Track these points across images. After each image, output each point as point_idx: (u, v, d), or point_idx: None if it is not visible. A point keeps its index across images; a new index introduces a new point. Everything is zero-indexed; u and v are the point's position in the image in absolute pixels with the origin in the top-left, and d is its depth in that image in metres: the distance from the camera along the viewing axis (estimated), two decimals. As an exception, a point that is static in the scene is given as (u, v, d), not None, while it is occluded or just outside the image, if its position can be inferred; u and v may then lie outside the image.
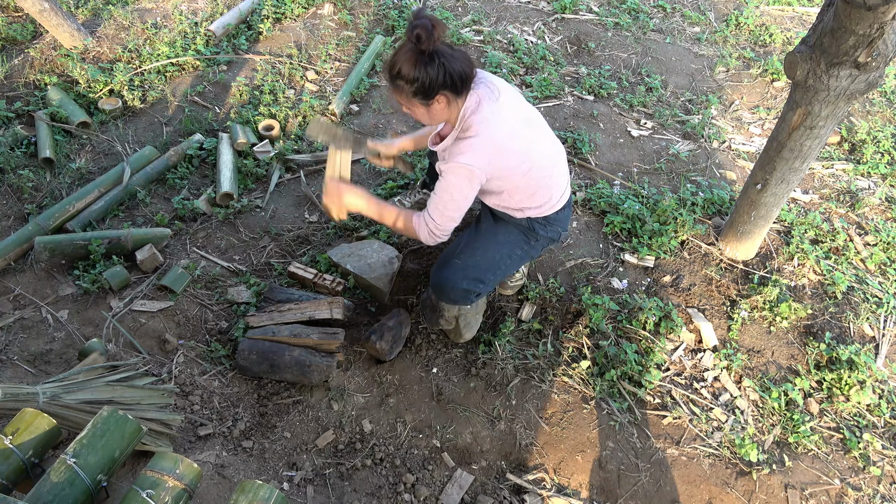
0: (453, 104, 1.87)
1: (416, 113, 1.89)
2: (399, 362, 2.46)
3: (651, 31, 4.54)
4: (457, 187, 1.90)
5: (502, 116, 1.89)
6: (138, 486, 1.27)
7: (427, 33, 1.67)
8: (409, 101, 1.84)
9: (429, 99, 1.81)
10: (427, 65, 1.73)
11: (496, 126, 1.86)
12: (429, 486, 2.14)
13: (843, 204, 3.26)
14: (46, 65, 3.42)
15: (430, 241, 2.04)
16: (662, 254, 2.85)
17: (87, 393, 1.77)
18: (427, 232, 2.01)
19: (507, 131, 1.89)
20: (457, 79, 1.79)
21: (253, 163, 3.06)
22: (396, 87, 1.82)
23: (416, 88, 1.77)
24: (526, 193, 2.06)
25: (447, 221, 1.97)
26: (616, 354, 2.45)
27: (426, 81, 1.75)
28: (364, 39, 4.07)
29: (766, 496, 2.18)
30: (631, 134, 3.60)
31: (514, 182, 1.99)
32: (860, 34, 1.91)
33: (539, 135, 2.04)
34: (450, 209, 1.94)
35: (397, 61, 1.76)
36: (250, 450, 2.12)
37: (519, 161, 1.94)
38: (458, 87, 1.81)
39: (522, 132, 1.95)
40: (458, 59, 1.79)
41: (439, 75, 1.75)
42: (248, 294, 2.54)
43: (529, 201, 2.09)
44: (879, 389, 2.47)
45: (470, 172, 1.86)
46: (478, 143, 1.85)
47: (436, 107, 1.85)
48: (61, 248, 2.46)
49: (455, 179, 1.88)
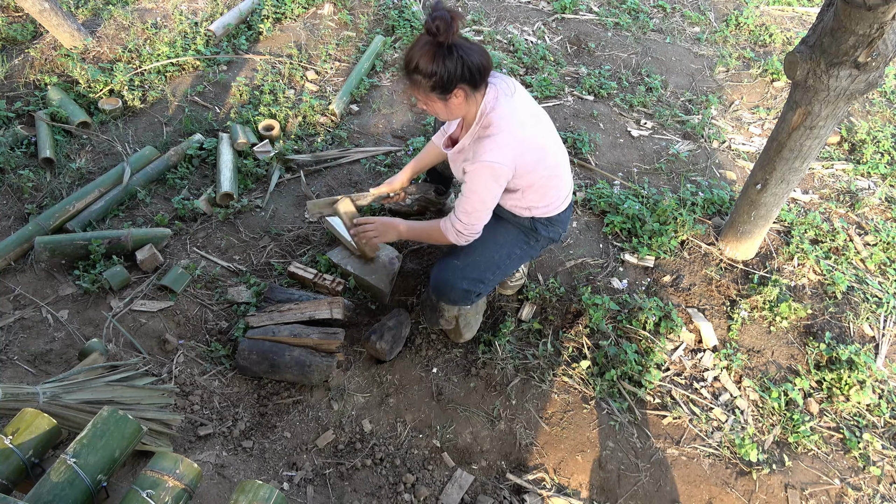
0: (471, 98, 1.84)
1: (433, 108, 1.86)
2: (399, 362, 2.46)
3: (651, 31, 4.54)
4: (485, 186, 1.89)
5: (520, 113, 1.88)
6: (138, 486, 1.27)
7: (446, 25, 1.64)
8: (426, 96, 1.80)
9: (447, 93, 1.78)
10: (445, 58, 1.70)
11: (516, 122, 1.86)
12: (429, 486, 2.14)
13: (843, 204, 3.26)
14: (46, 65, 3.42)
15: (461, 241, 2.06)
16: (662, 254, 2.85)
17: (87, 393, 1.77)
18: (455, 233, 2.03)
19: (525, 127, 1.88)
20: (475, 72, 1.76)
21: (253, 163, 3.06)
22: (413, 82, 1.78)
23: (435, 82, 1.74)
24: (539, 193, 2.06)
25: (476, 221, 1.98)
26: (616, 354, 2.45)
27: (444, 75, 1.72)
28: (364, 39, 4.07)
29: (766, 496, 2.18)
30: (631, 134, 3.60)
31: (532, 179, 2.00)
32: (860, 34, 1.91)
33: (549, 133, 2.05)
34: (478, 209, 1.95)
35: (414, 55, 1.72)
36: (250, 450, 2.12)
37: (538, 157, 1.95)
38: (476, 80, 1.79)
39: (537, 129, 1.95)
40: (476, 51, 1.76)
41: (458, 68, 1.72)
42: (248, 294, 2.54)
43: (540, 200, 2.09)
44: (879, 389, 2.47)
45: (497, 170, 1.85)
46: (501, 140, 1.83)
47: (454, 101, 1.81)
48: (61, 248, 2.46)
49: (483, 179, 1.88)
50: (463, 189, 1.95)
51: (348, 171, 3.16)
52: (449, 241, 2.07)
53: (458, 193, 2.03)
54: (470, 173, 1.89)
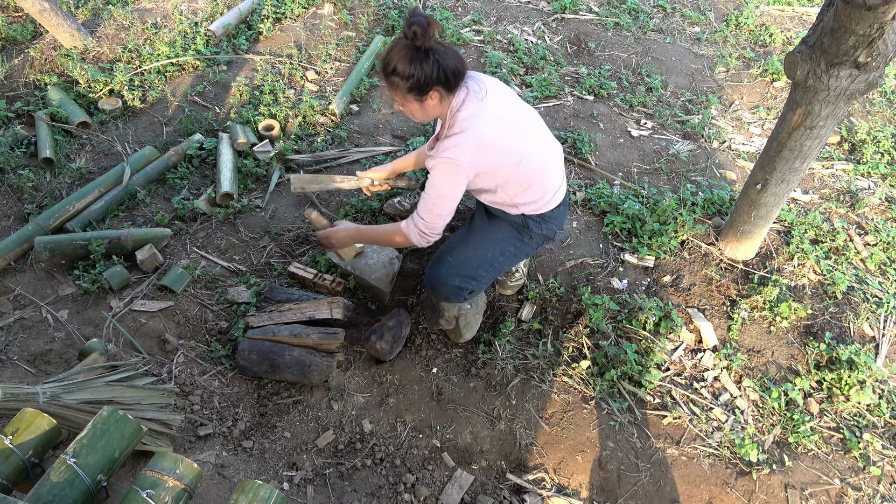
0: (445, 100, 1.92)
1: (409, 108, 1.95)
2: (399, 362, 2.46)
3: (651, 31, 4.54)
4: (445, 182, 1.93)
5: (487, 113, 1.92)
6: (138, 486, 1.27)
7: (423, 30, 1.73)
8: (403, 97, 1.89)
9: (423, 95, 1.86)
10: (422, 61, 1.79)
11: (481, 122, 1.90)
12: (429, 486, 2.14)
13: (843, 204, 3.26)
14: (46, 65, 3.42)
15: (422, 242, 2.06)
16: (662, 254, 2.85)
17: (87, 393, 1.77)
18: (417, 233, 2.04)
19: (490, 127, 1.92)
20: (450, 75, 1.84)
21: (253, 163, 3.06)
22: (391, 84, 1.87)
23: (412, 84, 1.83)
24: (519, 188, 2.07)
25: (436, 219, 1.99)
26: (616, 354, 2.45)
27: (421, 77, 1.81)
28: (364, 39, 4.07)
29: (766, 496, 2.18)
30: (631, 134, 3.60)
31: (503, 176, 2.02)
32: (860, 34, 1.91)
33: (530, 131, 2.06)
34: (438, 206, 1.97)
35: (392, 58, 1.81)
36: (250, 450, 2.12)
37: (505, 155, 1.97)
38: (451, 83, 1.87)
39: (509, 128, 1.97)
40: (450, 55, 1.84)
41: (434, 71, 1.81)
42: (248, 294, 2.54)
43: (524, 196, 2.10)
44: (879, 389, 2.47)
45: (456, 166, 1.89)
46: (462, 138, 1.89)
47: (429, 102, 1.90)
48: (61, 248, 2.46)
49: (442, 175, 1.92)
50: (425, 186, 1.99)
51: (348, 171, 3.16)
52: (411, 242, 2.06)
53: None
54: (432, 170, 1.95)
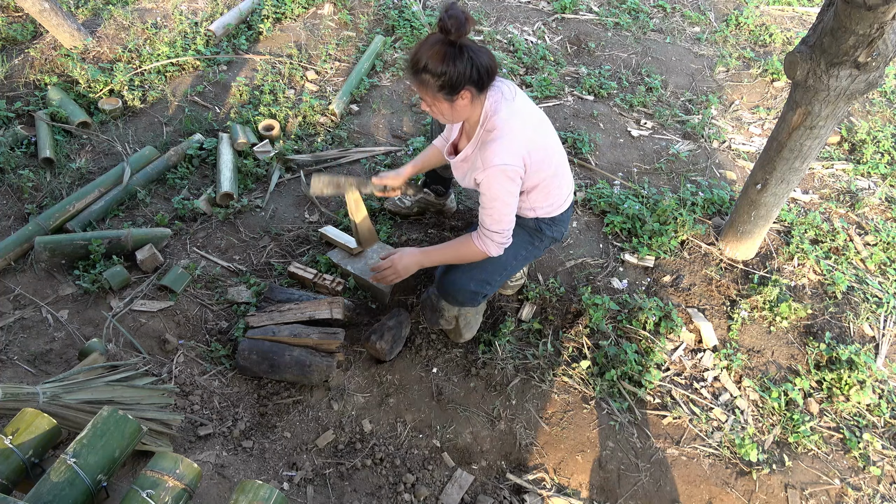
0: (476, 101, 1.83)
1: (439, 109, 1.84)
2: (399, 362, 2.46)
3: (651, 31, 4.54)
4: (504, 190, 1.88)
5: (521, 115, 1.89)
6: (138, 486, 1.27)
7: (460, 25, 1.63)
8: (433, 96, 1.78)
9: (454, 94, 1.76)
10: (456, 58, 1.69)
11: (519, 124, 1.86)
12: (429, 486, 2.14)
13: (843, 204, 3.26)
14: (46, 65, 3.42)
15: (501, 251, 2.04)
16: (662, 254, 2.85)
17: (87, 393, 1.77)
18: (496, 247, 2.01)
19: (528, 129, 1.89)
20: (483, 73, 1.75)
21: (253, 163, 3.06)
22: (421, 82, 1.76)
23: (443, 83, 1.72)
24: (544, 192, 2.07)
25: (507, 226, 1.98)
26: (616, 354, 2.45)
27: (454, 76, 1.71)
28: (364, 39, 4.07)
29: (766, 496, 2.18)
30: (631, 134, 3.60)
31: (539, 178, 2.00)
32: (860, 34, 1.91)
33: (552, 133, 2.06)
34: (504, 213, 1.94)
35: (423, 55, 1.70)
36: (250, 450, 2.12)
37: (543, 157, 1.95)
38: (483, 82, 1.78)
39: (541, 131, 1.96)
40: (484, 53, 1.75)
41: (467, 69, 1.71)
42: (248, 294, 2.54)
43: (544, 201, 2.10)
44: (879, 389, 2.47)
45: (510, 171, 1.85)
46: (507, 142, 1.83)
47: (460, 102, 1.80)
48: (61, 248, 2.46)
49: (500, 184, 1.87)
50: (482, 200, 1.93)
51: (348, 171, 3.16)
52: (490, 254, 2.03)
53: (478, 206, 2.01)
54: (484, 182, 1.87)
